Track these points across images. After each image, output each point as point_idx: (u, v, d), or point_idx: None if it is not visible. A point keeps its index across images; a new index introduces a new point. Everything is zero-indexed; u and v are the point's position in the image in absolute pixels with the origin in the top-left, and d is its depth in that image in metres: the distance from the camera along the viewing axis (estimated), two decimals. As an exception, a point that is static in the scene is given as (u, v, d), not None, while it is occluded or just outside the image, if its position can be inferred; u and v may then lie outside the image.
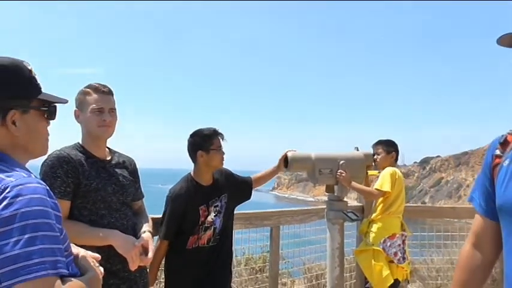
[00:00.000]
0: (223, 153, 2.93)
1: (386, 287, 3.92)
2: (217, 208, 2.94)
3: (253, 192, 3.28)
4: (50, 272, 1.11)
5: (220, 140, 2.92)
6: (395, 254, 3.92)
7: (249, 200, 3.26)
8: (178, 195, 2.85)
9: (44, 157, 2.05)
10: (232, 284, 4.06)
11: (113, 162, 2.26)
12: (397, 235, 3.97)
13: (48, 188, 1.22)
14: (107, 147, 2.30)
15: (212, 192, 2.94)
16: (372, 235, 4.01)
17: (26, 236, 1.10)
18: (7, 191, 1.14)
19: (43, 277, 1.10)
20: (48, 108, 1.39)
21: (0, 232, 1.10)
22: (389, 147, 4.16)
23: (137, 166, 2.44)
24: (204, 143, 2.88)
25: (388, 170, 4.02)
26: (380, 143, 4.18)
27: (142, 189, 2.47)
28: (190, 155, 2.94)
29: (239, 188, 3.14)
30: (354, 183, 3.68)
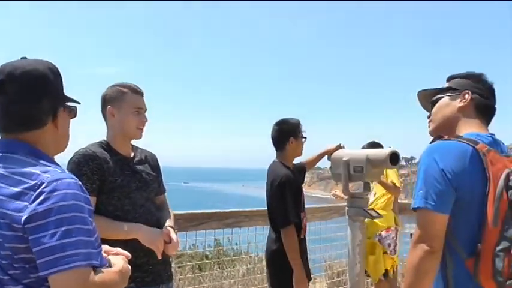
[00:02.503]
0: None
1: (379, 277, 4.20)
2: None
3: None
4: (83, 263, 1.17)
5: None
6: (389, 245, 4.21)
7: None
8: (289, 176, 3.00)
9: (70, 155, 2.12)
10: (255, 280, 4.11)
11: (136, 159, 2.30)
12: (392, 228, 4.26)
13: (80, 183, 1.28)
14: (131, 144, 2.34)
15: (298, 178, 3.16)
16: (369, 228, 4.12)
17: (62, 229, 1.16)
18: (43, 186, 1.20)
19: (77, 268, 1.15)
20: (74, 108, 1.48)
21: (37, 225, 1.16)
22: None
23: (159, 161, 2.47)
24: (294, 130, 3.11)
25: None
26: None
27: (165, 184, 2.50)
28: (278, 141, 3.13)
29: (301, 177, 3.36)
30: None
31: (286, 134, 3.10)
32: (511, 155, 1.67)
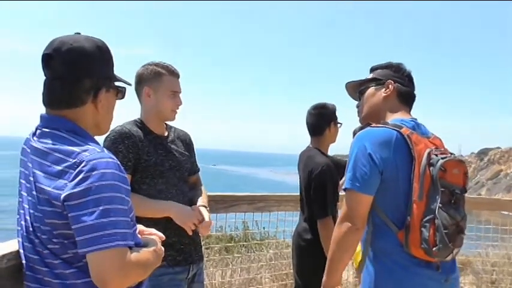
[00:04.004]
0: None
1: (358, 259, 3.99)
2: None
3: None
4: (120, 243, 1.18)
5: None
6: None
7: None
8: (330, 165, 2.90)
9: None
10: (282, 265, 4.11)
11: (170, 138, 2.30)
12: None
13: (118, 162, 1.29)
14: (165, 123, 2.34)
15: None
16: None
17: (101, 208, 1.17)
18: (82, 165, 1.21)
19: (115, 247, 1.17)
20: (123, 89, 1.47)
21: (77, 203, 1.18)
22: None
23: (192, 140, 2.47)
24: (334, 115, 3.02)
25: None
26: None
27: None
28: (317, 126, 3.02)
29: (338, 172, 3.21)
30: None
31: (326, 119, 2.99)
32: (431, 136, 1.86)
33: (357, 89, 2.06)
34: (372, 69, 2.04)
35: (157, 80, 2.21)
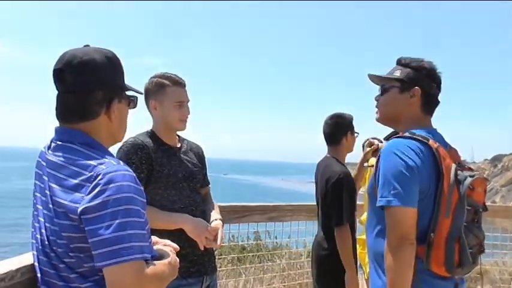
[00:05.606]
0: None
1: (367, 271, 3.87)
2: None
3: None
4: (137, 257, 1.17)
5: None
6: None
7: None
8: (346, 173, 2.90)
9: (119, 144, 2.14)
10: (295, 275, 4.08)
11: (183, 149, 2.31)
12: None
13: (134, 175, 1.28)
14: (177, 135, 2.35)
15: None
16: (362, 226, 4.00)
17: (117, 221, 1.16)
18: (99, 178, 1.21)
19: (132, 261, 1.16)
20: (134, 98, 1.47)
21: (93, 217, 1.17)
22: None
23: (204, 153, 2.46)
24: (351, 125, 3.02)
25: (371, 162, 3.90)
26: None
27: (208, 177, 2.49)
28: (334, 136, 3.02)
29: None
30: None
31: (343, 128, 3.00)
32: (450, 148, 1.79)
33: (379, 82, 1.91)
34: (402, 64, 1.86)
35: (162, 93, 2.22)
